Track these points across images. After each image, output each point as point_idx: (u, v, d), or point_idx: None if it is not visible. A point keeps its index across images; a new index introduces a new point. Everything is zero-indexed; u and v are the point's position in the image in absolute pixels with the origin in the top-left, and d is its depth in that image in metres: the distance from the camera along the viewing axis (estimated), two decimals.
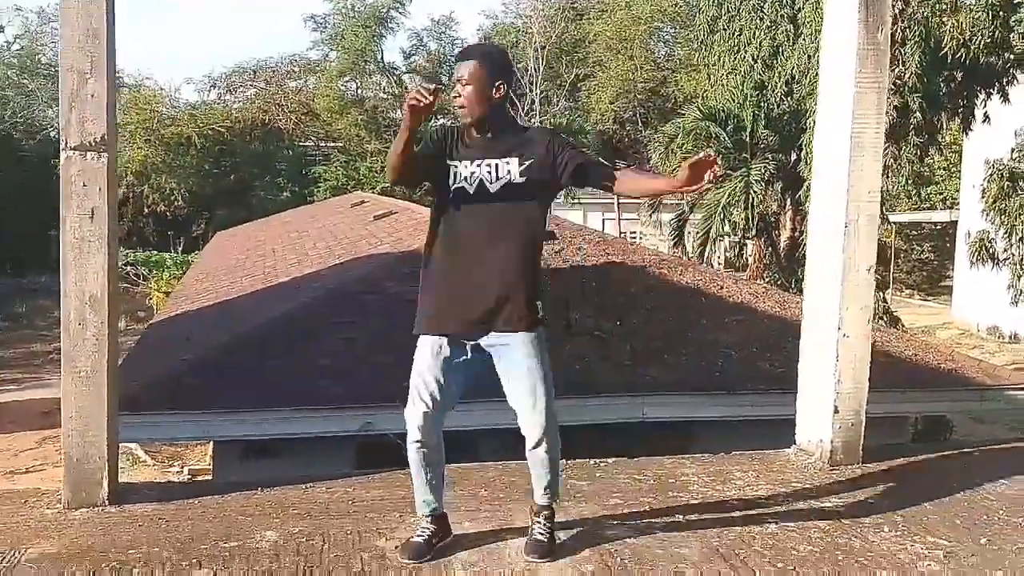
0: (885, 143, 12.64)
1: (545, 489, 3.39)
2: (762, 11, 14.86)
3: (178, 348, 8.93)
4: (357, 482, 4.23)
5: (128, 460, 14.69)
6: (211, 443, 9.40)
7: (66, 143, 3.70)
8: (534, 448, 3.32)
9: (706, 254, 17.01)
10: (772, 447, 4.75)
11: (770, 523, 3.68)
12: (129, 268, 26.93)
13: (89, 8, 3.66)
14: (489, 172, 3.24)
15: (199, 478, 11.76)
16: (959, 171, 25.73)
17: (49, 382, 15.72)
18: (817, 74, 4.97)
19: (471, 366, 3.35)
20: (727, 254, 25.75)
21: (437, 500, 3.42)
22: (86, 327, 3.79)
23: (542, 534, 3.38)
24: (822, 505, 3.91)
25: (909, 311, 23.97)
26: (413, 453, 3.33)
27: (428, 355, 3.31)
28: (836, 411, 4.36)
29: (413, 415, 3.30)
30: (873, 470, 4.37)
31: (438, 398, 3.28)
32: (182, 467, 14.37)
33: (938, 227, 30.18)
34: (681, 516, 3.76)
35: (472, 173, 3.24)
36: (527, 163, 3.24)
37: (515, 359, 3.28)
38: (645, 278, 9.59)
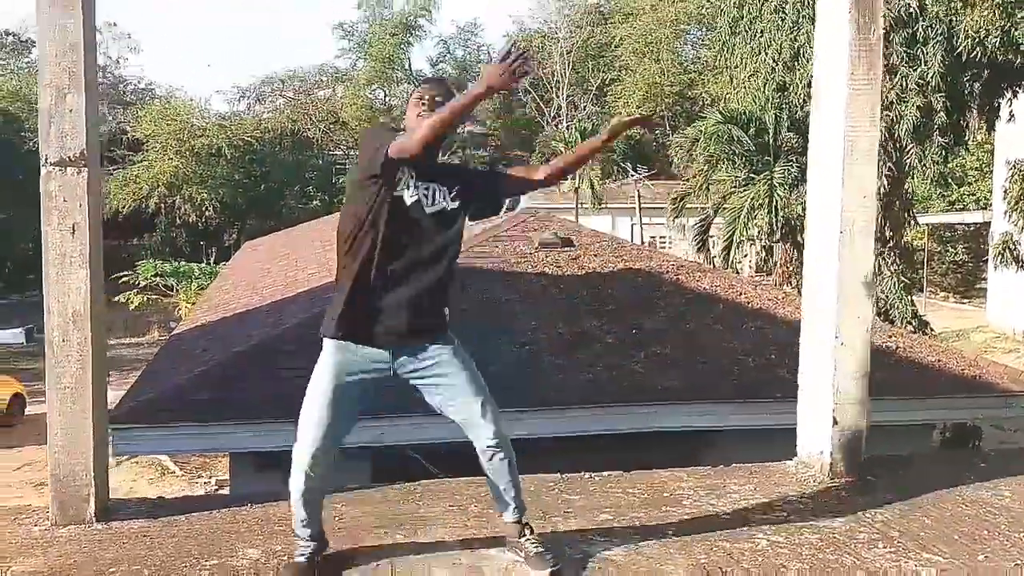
0: (909, 144, 12.46)
1: (516, 500, 3.33)
2: (783, 13, 14.67)
3: (193, 360, 8.97)
4: (347, 498, 4.18)
5: (157, 471, 14.84)
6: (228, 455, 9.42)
7: (46, 159, 3.66)
8: (493, 456, 3.25)
9: (731, 259, 16.86)
10: (788, 458, 4.64)
11: (761, 539, 3.58)
12: (158, 279, 27.21)
13: (67, 22, 3.61)
14: (427, 194, 3.20)
15: (226, 489, 11.80)
16: (991, 171, 25.29)
17: None
18: None
19: (378, 387, 3.29)
20: (756, 258, 25.51)
21: (316, 525, 3.32)
22: (69, 343, 3.76)
23: (541, 545, 3.31)
24: (817, 520, 3.79)
25: (942, 315, 23.60)
26: (299, 487, 3.20)
27: (338, 370, 3.21)
28: (835, 422, 4.23)
29: (307, 446, 3.19)
30: (874, 483, 4.25)
31: (340, 426, 3.23)
32: (210, 478, 14.47)
33: (971, 228, 29.68)
34: (671, 531, 3.67)
35: (421, 193, 3.19)
36: (456, 190, 3.25)
37: (450, 371, 3.23)
38: (661, 284, 9.49)
